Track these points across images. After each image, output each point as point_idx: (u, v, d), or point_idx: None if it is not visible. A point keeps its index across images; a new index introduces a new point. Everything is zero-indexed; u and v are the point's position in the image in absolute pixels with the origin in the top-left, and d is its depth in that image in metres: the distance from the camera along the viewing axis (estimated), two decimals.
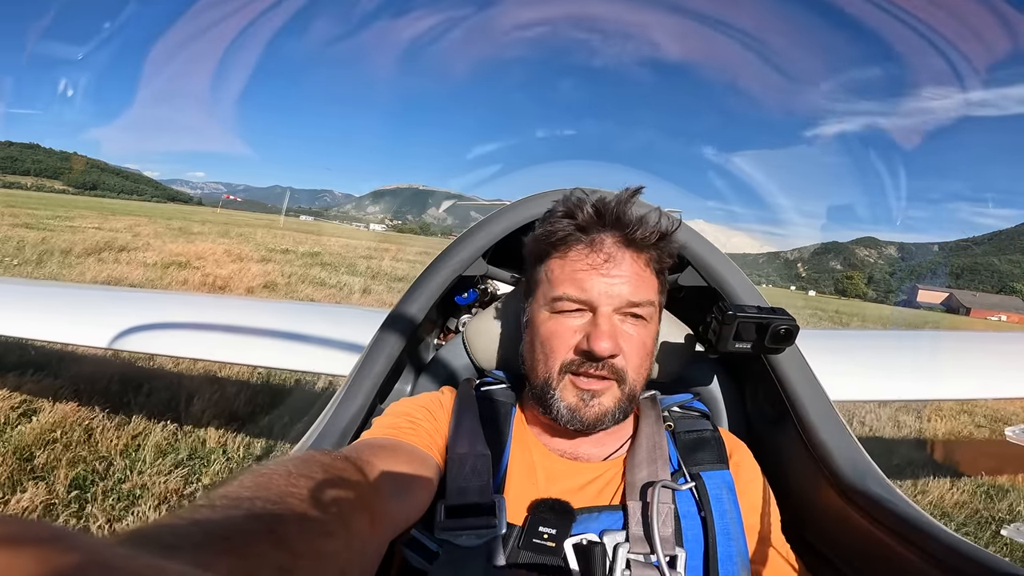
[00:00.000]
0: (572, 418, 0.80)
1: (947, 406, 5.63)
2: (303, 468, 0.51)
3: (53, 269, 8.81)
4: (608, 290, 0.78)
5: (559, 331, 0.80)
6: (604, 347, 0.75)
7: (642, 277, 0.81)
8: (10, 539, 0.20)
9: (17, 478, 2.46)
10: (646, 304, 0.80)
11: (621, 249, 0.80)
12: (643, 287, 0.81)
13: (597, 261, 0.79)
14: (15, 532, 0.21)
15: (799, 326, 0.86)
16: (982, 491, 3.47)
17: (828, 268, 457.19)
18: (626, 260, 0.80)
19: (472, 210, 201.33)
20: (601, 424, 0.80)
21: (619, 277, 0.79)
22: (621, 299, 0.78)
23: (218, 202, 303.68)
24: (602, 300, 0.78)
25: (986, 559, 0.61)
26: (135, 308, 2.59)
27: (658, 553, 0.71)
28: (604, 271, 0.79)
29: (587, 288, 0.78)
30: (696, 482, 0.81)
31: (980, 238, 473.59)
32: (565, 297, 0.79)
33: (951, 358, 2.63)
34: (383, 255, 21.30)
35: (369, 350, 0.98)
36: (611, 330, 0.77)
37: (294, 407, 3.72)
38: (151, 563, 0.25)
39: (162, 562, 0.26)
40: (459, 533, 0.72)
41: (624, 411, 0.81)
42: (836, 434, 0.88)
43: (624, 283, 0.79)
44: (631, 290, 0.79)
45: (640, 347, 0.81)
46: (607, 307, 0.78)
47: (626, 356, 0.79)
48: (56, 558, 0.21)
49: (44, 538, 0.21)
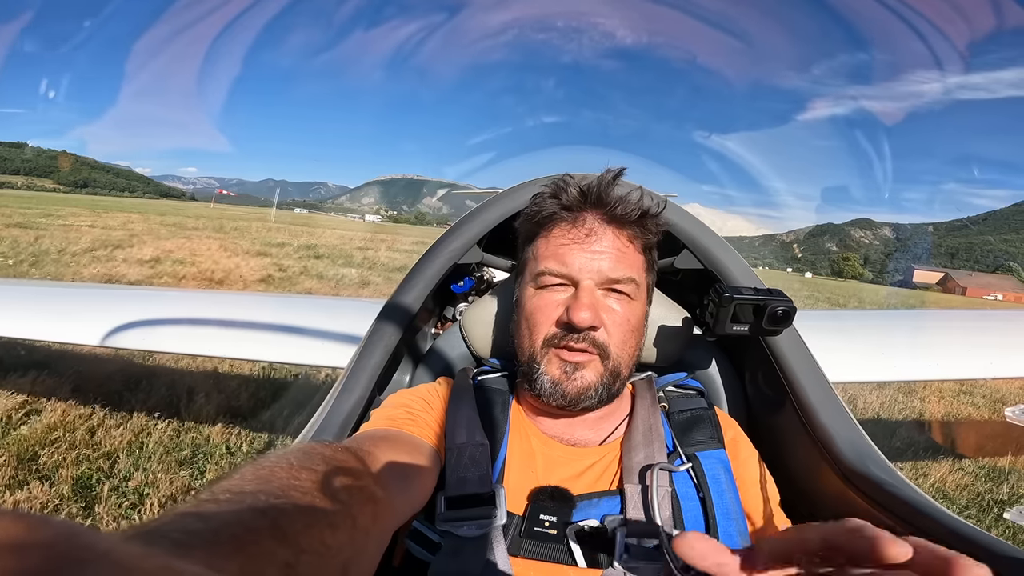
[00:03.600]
0: (555, 392, 0.80)
1: (946, 387, 5.65)
2: (305, 460, 0.51)
3: (49, 268, 8.77)
4: (588, 264, 0.79)
5: (542, 305, 0.81)
6: (583, 317, 0.76)
7: (624, 253, 0.82)
8: (22, 536, 0.20)
9: (22, 478, 2.46)
10: (627, 280, 0.81)
11: (603, 225, 0.82)
12: (625, 263, 0.82)
13: (579, 236, 0.81)
14: (27, 528, 0.20)
15: (796, 307, 0.85)
16: (983, 473, 3.48)
17: (824, 250, 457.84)
18: (608, 236, 0.81)
19: (467, 199, 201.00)
20: (584, 399, 0.80)
21: (600, 252, 0.80)
22: (602, 274, 0.80)
23: (211, 197, 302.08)
24: (583, 274, 0.79)
25: (989, 542, 0.61)
26: (132, 305, 2.58)
27: (661, 536, 0.71)
28: (585, 245, 0.80)
29: (568, 262, 0.80)
30: (692, 463, 0.81)
31: (975, 218, 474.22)
32: (547, 272, 0.81)
33: (949, 338, 2.63)
34: (379, 246, 21.25)
35: (366, 341, 0.98)
36: (591, 302, 0.78)
37: (295, 400, 3.72)
38: (165, 564, 0.25)
39: (176, 562, 0.26)
40: (460, 524, 0.73)
41: (608, 389, 0.81)
42: (836, 417, 0.88)
43: (605, 258, 0.80)
44: (612, 265, 0.80)
45: (623, 323, 0.81)
46: (588, 281, 0.79)
47: (608, 330, 0.80)
48: (69, 556, 0.20)
49: (56, 535, 0.21)
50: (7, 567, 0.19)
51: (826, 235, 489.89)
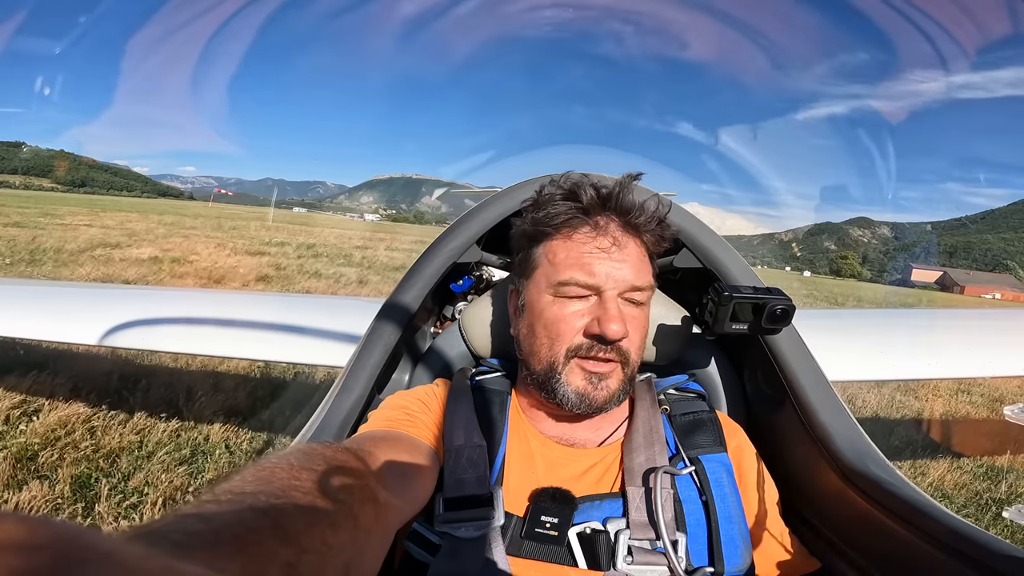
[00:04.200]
0: (580, 402, 0.80)
1: (944, 385, 5.66)
2: (305, 461, 0.51)
3: (48, 268, 8.75)
4: (615, 274, 0.79)
5: (565, 316, 0.80)
6: (615, 330, 0.76)
7: (643, 261, 0.83)
8: (25, 537, 0.20)
9: (22, 477, 2.46)
10: (647, 288, 0.82)
11: (625, 234, 0.81)
12: (644, 271, 0.82)
13: (604, 244, 0.80)
14: (29, 530, 0.20)
15: (795, 306, 0.85)
16: (981, 472, 3.48)
17: (822, 248, 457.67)
18: (630, 245, 0.81)
19: (466, 197, 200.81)
20: (607, 407, 0.82)
21: (624, 262, 0.80)
22: (626, 283, 0.79)
23: (209, 196, 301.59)
24: (608, 284, 0.78)
25: (988, 541, 0.61)
26: (130, 305, 2.58)
27: (664, 539, 0.71)
28: (612, 254, 0.79)
29: (595, 272, 0.79)
30: (696, 466, 0.81)
31: (973, 217, 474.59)
32: (572, 282, 0.79)
33: (948, 337, 2.64)
34: (379, 245, 21.22)
35: (365, 340, 0.98)
36: (619, 313, 0.78)
37: (294, 400, 3.72)
38: (168, 565, 0.25)
39: (178, 564, 0.26)
40: (458, 525, 0.73)
41: (625, 392, 0.83)
42: (835, 415, 0.88)
43: (629, 267, 0.80)
44: (635, 274, 0.80)
45: (641, 329, 0.83)
46: (612, 291, 0.79)
47: (630, 339, 0.80)
48: (71, 556, 0.20)
49: (58, 536, 0.21)
50: (10, 568, 0.19)
51: (824, 234, 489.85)
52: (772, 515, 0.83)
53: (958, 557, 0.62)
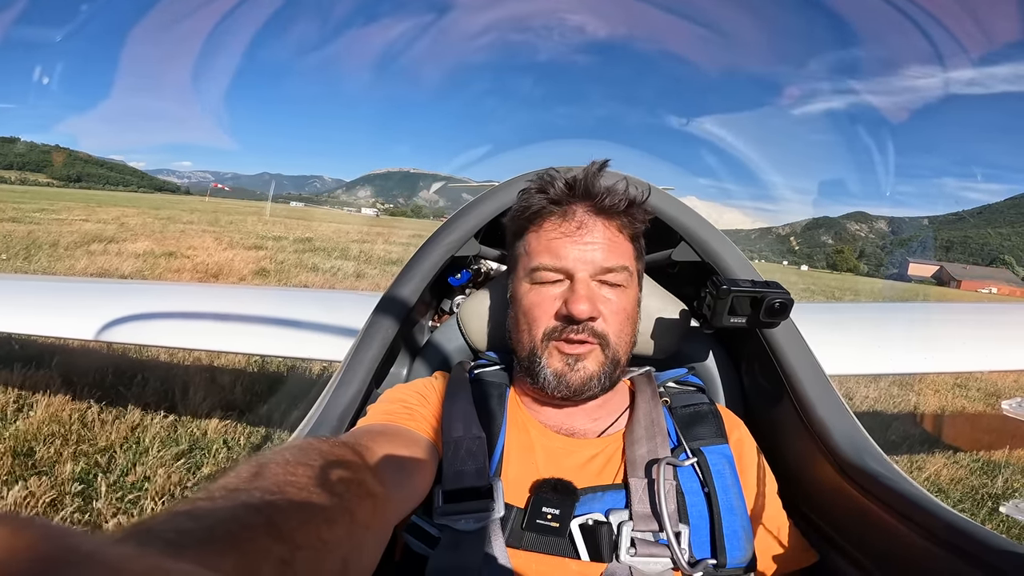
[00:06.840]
0: (559, 384, 0.81)
1: (941, 380, 5.68)
2: (301, 456, 0.50)
3: (43, 263, 8.72)
4: (582, 256, 0.80)
5: (539, 301, 0.82)
6: (582, 309, 0.77)
7: (615, 243, 0.83)
8: (7, 538, 0.20)
9: (19, 473, 2.45)
10: (620, 269, 0.82)
11: (592, 217, 0.82)
12: (616, 252, 0.82)
13: (570, 229, 0.82)
14: (12, 531, 0.20)
15: (793, 299, 0.85)
16: (978, 467, 3.50)
17: (820, 243, 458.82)
18: (598, 227, 0.82)
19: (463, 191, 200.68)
20: (587, 389, 0.81)
21: (592, 243, 0.81)
22: (595, 264, 0.80)
23: (206, 191, 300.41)
24: (577, 266, 0.80)
25: (984, 536, 0.61)
26: (125, 299, 2.56)
27: (667, 530, 0.72)
28: (577, 238, 0.81)
29: (562, 256, 0.80)
30: (698, 457, 0.81)
31: (970, 211, 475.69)
32: (542, 267, 0.82)
33: (945, 331, 2.64)
34: (376, 239, 21.19)
35: (363, 334, 0.97)
36: (588, 294, 0.79)
37: (291, 394, 3.71)
38: (156, 563, 0.24)
39: (167, 562, 0.25)
40: (458, 517, 0.72)
41: (609, 377, 0.83)
42: (833, 410, 0.88)
43: (597, 249, 0.81)
44: (604, 255, 0.81)
45: (619, 311, 0.83)
46: (583, 272, 0.80)
47: (606, 320, 0.81)
48: (55, 557, 0.20)
49: (41, 537, 0.20)
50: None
51: (822, 228, 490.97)
52: (773, 507, 0.84)
53: (954, 552, 0.62)
